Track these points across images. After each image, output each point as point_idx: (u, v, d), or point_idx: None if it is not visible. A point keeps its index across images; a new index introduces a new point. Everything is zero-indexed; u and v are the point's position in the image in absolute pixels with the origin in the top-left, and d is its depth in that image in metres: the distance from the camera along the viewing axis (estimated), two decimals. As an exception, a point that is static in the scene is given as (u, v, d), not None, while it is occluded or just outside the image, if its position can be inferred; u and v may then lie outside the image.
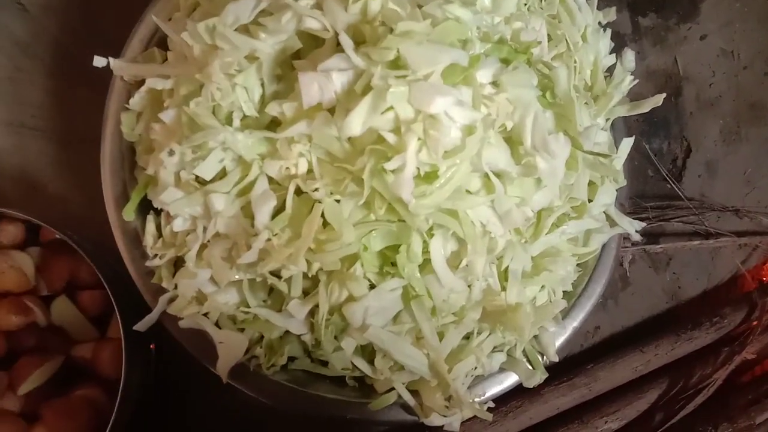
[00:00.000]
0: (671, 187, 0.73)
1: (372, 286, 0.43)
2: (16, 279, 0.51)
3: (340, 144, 0.39)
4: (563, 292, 0.51)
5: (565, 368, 0.63)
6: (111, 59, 0.49)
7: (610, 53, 0.54)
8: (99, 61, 0.49)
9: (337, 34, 0.41)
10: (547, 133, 0.41)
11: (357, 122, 0.37)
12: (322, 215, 0.40)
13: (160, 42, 0.50)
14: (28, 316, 0.51)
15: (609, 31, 0.53)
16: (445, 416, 0.46)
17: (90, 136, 0.61)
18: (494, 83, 0.41)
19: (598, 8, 0.54)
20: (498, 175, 0.41)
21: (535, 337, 0.50)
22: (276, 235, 0.41)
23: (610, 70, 0.54)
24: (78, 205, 0.63)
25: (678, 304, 0.73)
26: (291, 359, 0.48)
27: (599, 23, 0.53)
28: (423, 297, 0.43)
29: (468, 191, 0.40)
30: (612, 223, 0.51)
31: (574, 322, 0.52)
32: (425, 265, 0.43)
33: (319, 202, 0.40)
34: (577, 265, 0.51)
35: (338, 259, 0.41)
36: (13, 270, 0.51)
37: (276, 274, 0.43)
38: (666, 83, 0.74)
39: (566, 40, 0.49)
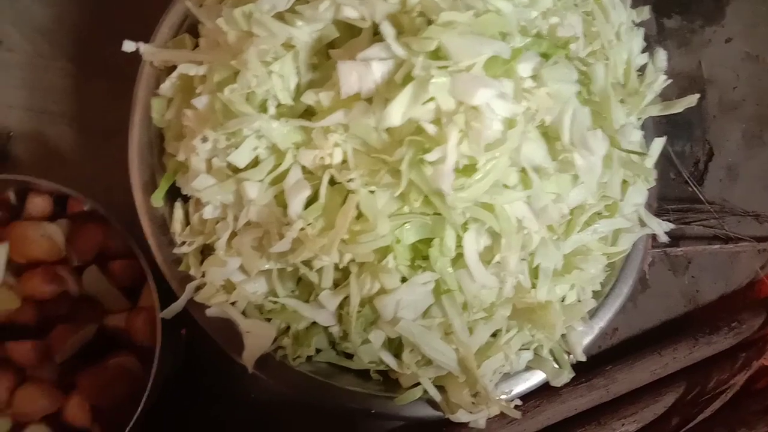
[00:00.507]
0: (692, 191, 0.72)
1: (403, 279, 0.42)
2: (48, 248, 0.51)
3: (377, 134, 0.39)
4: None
5: (584, 369, 0.63)
6: (141, 44, 0.48)
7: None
8: (128, 46, 0.48)
9: (374, 25, 0.40)
10: (585, 130, 0.40)
11: (397, 112, 0.37)
12: (356, 206, 0.40)
13: (190, 29, 0.50)
14: (61, 285, 0.50)
15: (642, 30, 0.53)
16: (470, 413, 0.46)
17: (110, 124, 0.61)
18: (534, 77, 0.40)
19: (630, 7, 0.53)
20: (534, 170, 0.40)
21: (562, 336, 0.49)
22: (309, 224, 0.40)
23: (641, 69, 0.53)
24: (97, 191, 0.62)
25: (696, 308, 0.73)
26: (316, 351, 0.48)
27: (632, 22, 0.53)
28: (454, 292, 0.42)
29: (505, 186, 0.40)
30: (641, 223, 0.51)
31: (601, 323, 0.51)
32: (457, 260, 0.42)
33: (354, 192, 0.40)
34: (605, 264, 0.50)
35: (371, 250, 0.40)
36: (45, 239, 0.50)
37: (307, 264, 0.42)
38: (690, 86, 0.74)
39: (601, 38, 0.49)
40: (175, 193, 0.48)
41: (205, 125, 0.42)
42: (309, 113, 0.42)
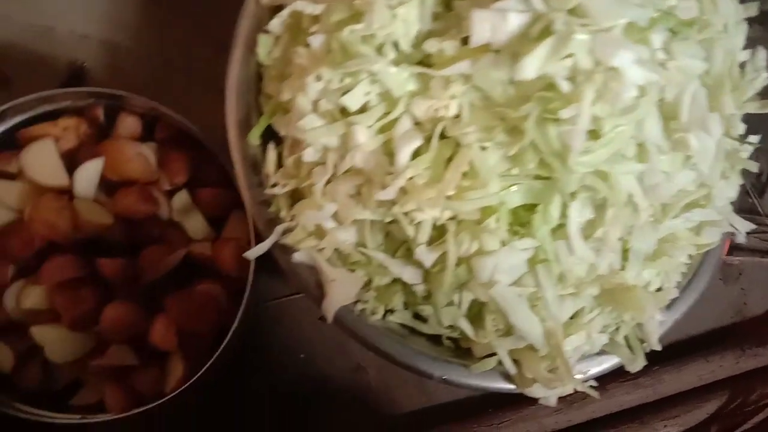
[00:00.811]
0: (752, 202, 0.72)
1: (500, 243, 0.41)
2: (143, 168, 0.50)
3: (503, 88, 0.38)
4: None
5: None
6: (248, -20, 0.47)
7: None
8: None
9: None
10: (706, 111, 0.40)
11: (532, 65, 0.36)
12: (467, 162, 0.39)
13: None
14: (154, 206, 0.49)
15: (746, 26, 0.52)
16: (545, 388, 0.45)
17: (190, 62, 0.59)
18: (665, 50, 0.39)
19: (732, 3, 0.53)
20: (653, 145, 0.40)
21: (638, 323, 0.48)
22: (417, 176, 0.39)
23: (741, 66, 0.53)
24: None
25: (742, 320, 0.72)
26: (390, 311, 0.47)
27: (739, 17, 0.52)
28: (551, 262, 0.41)
29: (624, 156, 0.39)
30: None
31: (677, 314, 0.50)
32: (557, 230, 0.41)
33: (466, 147, 0.39)
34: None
35: (476, 209, 0.40)
36: (140, 159, 0.49)
37: (406, 216, 0.41)
38: (762, 97, 0.73)
39: (710, 27, 0.48)
40: (266, 136, 0.47)
41: (318, 64, 0.41)
42: (424, 64, 0.41)
